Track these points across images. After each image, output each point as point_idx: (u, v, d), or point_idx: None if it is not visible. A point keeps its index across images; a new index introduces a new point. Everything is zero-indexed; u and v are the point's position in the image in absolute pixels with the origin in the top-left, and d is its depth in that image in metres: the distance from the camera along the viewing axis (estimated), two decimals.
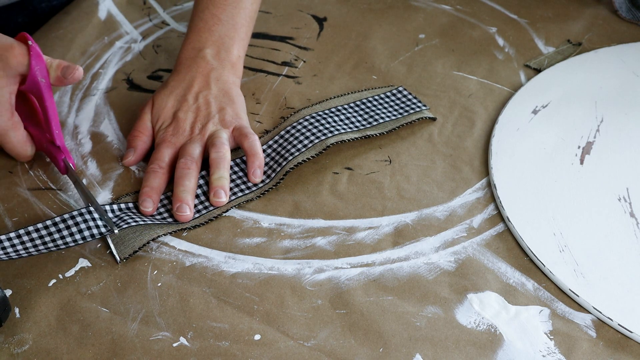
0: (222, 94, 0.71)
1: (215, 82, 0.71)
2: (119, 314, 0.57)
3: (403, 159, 0.72)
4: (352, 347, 0.55)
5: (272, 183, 0.67)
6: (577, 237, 0.63)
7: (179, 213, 0.63)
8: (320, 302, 0.58)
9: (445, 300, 0.59)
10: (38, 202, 0.66)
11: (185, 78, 0.72)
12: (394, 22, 0.90)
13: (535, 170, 0.69)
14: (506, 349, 0.55)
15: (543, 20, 0.91)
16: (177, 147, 0.68)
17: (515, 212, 0.65)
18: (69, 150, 0.68)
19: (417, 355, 0.55)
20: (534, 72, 0.83)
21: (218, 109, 0.70)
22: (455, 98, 0.79)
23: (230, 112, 0.70)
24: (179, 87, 0.71)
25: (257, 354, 0.54)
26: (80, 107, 0.76)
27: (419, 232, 0.64)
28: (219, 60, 0.73)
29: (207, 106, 0.70)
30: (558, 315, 0.58)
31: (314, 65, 0.83)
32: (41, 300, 0.57)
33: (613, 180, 0.68)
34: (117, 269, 0.60)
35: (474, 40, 0.88)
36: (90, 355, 0.54)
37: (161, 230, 0.62)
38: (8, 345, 0.54)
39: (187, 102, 0.70)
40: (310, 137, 0.70)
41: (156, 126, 0.70)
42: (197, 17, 0.76)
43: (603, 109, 0.77)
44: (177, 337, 0.55)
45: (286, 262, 0.61)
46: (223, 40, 0.74)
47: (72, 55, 0.82)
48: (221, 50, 0.74)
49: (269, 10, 0.92)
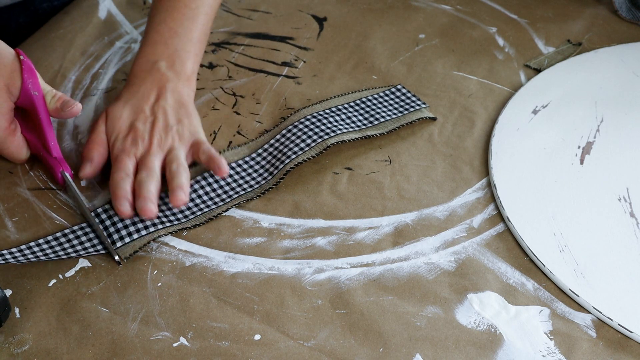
0: (178, 106, 0.70)
1: (171, 94, 0.70)
2: (119, 314, 0.57)
3: (403, 159, 0.72)
4: (352, 347, 0.55)
5: (272, 182, 0.67)
6: (577, 237, 0.63)
7: (144, 207, 0.61)
8: (320, 302, 0.58)
9: (445, 300, 0.59)
10: (38, 202, 0.66)
11: (140, 89, 0.70)
12: (394, 22, 0.90)
13: (535, 170, 0.69)
14: (506, 349, 0.55)
15: (543, 20, 0.91)
16: (138, 158, 0.66)
17: (515, 212, 0.65)
18: (64, 159, 0.68)
19: (417, 355, 0.55)
20: (534, 72, 0.83)
21: (176, 120, 0.68)
22: (455, 98, 0.79)
23: (187, 126, 0.69)
24: (134, 98, 0.70)
25: (257, 354, 0.54)
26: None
27: (419, 232, 0.64)
28: (174, 73, 0.72)
29: (165, 117, 0.68)
30: (558, 315, 0.58)
31: (314, 65, 0.83)
32: (41, 300, 0.57)
33: (613, 180, 0.68)
34: (117, 269, 0.60)
35: (474, 40, 0.88)
36: (90, 355, 0.54)
37: (163, 230, 0.63)
38: (8, 345, 0.54)
39: (144, 113, 0.68)
40: (313, 137, 0.70)
41: (111, 138, 0.68)
42: (152, 29, 0.74)
43: (603, 109, 0.77)
44: (177, 337, 0.55)
45: (286, 262, 0.61)
46: (179, 53, 0.73)
47: (72, 55, 0.82)
48: (176, 63, 0.72)
49: (269, 10, 0.92)
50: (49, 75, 0.79)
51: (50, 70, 0.80)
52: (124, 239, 0.61)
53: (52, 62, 0.81)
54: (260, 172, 0.69)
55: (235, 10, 0.92)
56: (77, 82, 0.79)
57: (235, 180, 0.68)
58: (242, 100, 0.78)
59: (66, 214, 0.65)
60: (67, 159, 0.69)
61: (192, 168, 0.69)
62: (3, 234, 0.63)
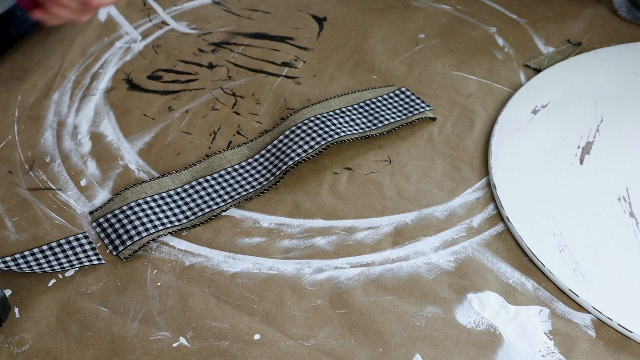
0: None
1: None
2: (118, 313, 0.57)
3: (403, 159, 0.72)
4: (351, 347, 0.55)
5: (272, 182, 0.67)
6: (577, 237, 0.63)
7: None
8: (320, 301, 0.58)
9: (445, 300, 0.59)
10: (38, 202, 0.66)
11: None
12: (394, 22, 0.90)
13: (535, 170, 0.69)
14: (506, 348, 0.55)
15: (543, 20, 0.91)
16: None
17: (515, 212, 0.65)
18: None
19: (417, 355, 0.55)
20: (533, 72, 0.83)
21: None
22: (455, 98, 0.79)
23: None
24: None
25: (256, 354, 0.54)
26: (80, 107, 0.76)
27: (419, 232, 0.64)
28: None
29: None
30: (558, 315, 0.58)
31: (314, 65, 0.83)
32: (41, 300, 0.57)
33: (613, 180, 0.68)
34: (117, 269, 0.60)
35: (474, 40, 0.88)
36: (90, 355, 0.54)
37: (163, 230, 0.63)
38: (8, 345, 0.54)
39: None
40: (317, 139, 0.69)
41: None
42: None
43: (603, 109, 0.77)
44: (177, 337, 0.55)
45: (286, 261, 0.61)
46: None
47: (72, 56, 0.82)
48: None
49: (268, 10, 0.92)
50: (49, 75, 0.80)
51: (50, 71, 0.80)
52: (125, 243, 0.61)
53: (52, 62, 0.81)
54: (263, 173, 0.69)
55: (235, 10, 0.92)
56: (76, 82, 0.79)
57: (237, 181, 0.68)
58: (241, 100, 0.78)
59: (66, 215, 0.65)
60: (67, 159, 0.70)
61: (193, 167, 0.69)
62: (3, 234, 0.63)
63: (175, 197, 0.66)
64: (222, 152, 0.71)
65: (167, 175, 0.68)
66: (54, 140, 0.72)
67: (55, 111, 0.76)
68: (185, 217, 0.65)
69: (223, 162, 0.69)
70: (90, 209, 0.65)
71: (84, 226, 0.64)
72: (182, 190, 0.67)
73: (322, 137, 0.70)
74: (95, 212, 0.65)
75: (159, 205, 0.65)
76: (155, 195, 0.66)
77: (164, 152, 0.71)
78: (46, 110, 0.76)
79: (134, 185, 0.66)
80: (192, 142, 0.73)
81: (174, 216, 0.64)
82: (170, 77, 0.81)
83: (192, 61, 0.83)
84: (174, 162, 0.70)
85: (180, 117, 0.75)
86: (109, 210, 0.64)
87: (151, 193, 0.66)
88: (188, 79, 0.80)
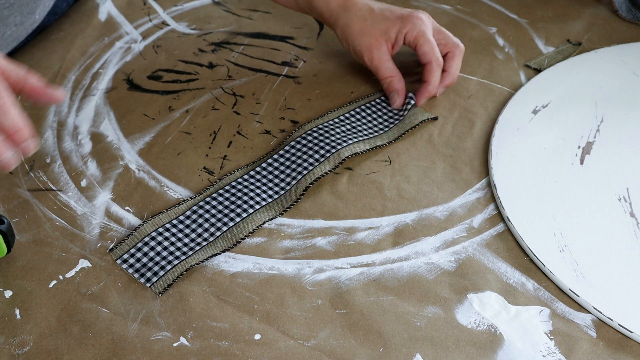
0: None
1: None
2: (119, 314, 0.57)
3: (403, 159, 0.72)
4: (352, 347, 0.55)
5: (293, 198, 0.66)
6: (577, 237, 0.63)
7: None
8: (321, 302, 0.58)
9: (445, 300, 0.59)
10: (38, 203, 0.66)
11: None
12: None
13: (535, 170, 0.69)
14: (506, 349, 0.55)
15: (543, 20, 0.91)
16: None
17: (515, 212, 0.65)
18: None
19: (417, 355, 0.55)
20: (534, 72, 0.83)
21: None
22: (455, 98, 0.79)
23: None
24: None
25: (257, 354, 0.54)
26: (80, 107, 0.76)
27: (419, 232, 0.64)
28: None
29: None
30: (558, 315, 0.58)
31: (314, 65, 0.83)
32: (42, 301, 0.57)
33: (613, 180, 0.68)
34: (117, 269, 0.60)
35: (474, 40, 0.88)
36: (91, 355, 0.54)
37: (193, 259, 0.60)
38: (9, 347, 0.54)
39: None
40: (326, 147, 0.69)
41: None
42: None
43: (603, 109, 0.77)
44: (177, 337, 0.55)
45: (286, 262, 0.61)
46: None
47: (72, 55, 0.82)
48: None
49: (269, 10, 0.92)
50: (49, 75, 0.80)
51: (51, 71, 0.80)
52: (158, 274, 0.59)
53: (52, 63, 0.81)
54: (276, 182, 0.67)
55: (235, 10, 0.92)
56: (77, 82, 0.79)
57: (245, 193, 0.66)
58: (242, 100, 0.78)
59: (67, 216, 0.65)
60: (68, 159, 0.70)
61: (205, 192, 0.69)
62: None
63: (194, 216, 0.64)
64: (231, 173, 0.69)
65: (182, 203, 0.65)
66: (54, 141, 0.72)
67: (55, 111, 0.76)
68: (211, 234, 0.63)
69: (231, 179, 0.68)
70: (90, 209, 0.65)
71: (85, 227, 0.64)
72: (198, 207, 0.65)
73: (332, 145, 0.69)
74: (115, 249, 0.62)
75: (181, 230, 0.63)
76: (173, 220, 0.64)
77: (164, 152, 0.71)
78: (46, 110, 0.76)
79: (152, 218, 0.64)
80: (192, 142, 0.73)
81: (199, 237, 0.62)
82: (171, 77, 0.81)
83: (193, 61, 0.83)
84: (174, 162, 0.70)
85: (180, 117, 0.75)
86: (131, 245, 0.62)
87: (167, 220, 0.64)
88: (188, 79, 0.80)
